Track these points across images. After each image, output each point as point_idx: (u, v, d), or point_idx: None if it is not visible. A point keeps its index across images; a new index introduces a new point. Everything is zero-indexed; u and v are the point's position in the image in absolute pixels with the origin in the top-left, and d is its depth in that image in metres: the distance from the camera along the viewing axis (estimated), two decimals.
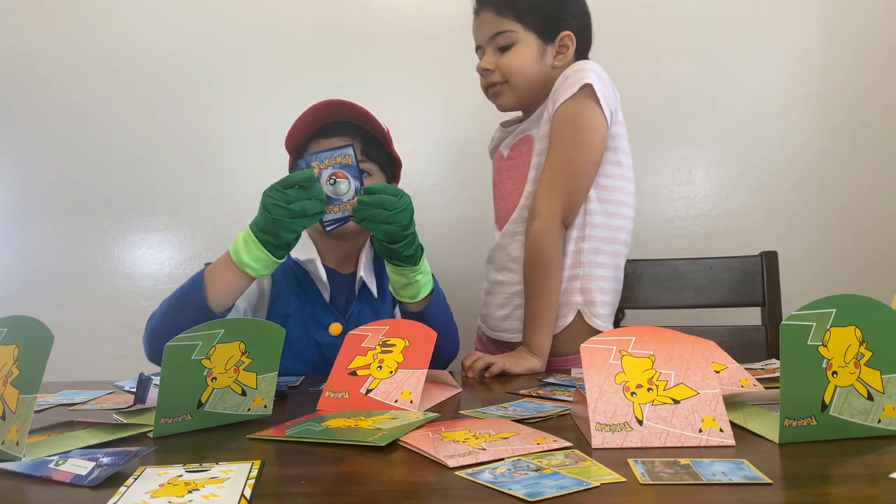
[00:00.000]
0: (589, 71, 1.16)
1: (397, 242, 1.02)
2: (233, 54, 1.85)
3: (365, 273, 1.23)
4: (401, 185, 1.79)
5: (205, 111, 1.86)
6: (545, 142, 1.21)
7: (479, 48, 1.28)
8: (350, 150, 1.00)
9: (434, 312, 1.12)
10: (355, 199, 1.00)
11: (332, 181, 1.00)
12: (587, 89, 1.14)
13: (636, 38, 1.82)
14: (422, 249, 1.09)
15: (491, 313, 1.31)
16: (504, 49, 1.22)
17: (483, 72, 1.26)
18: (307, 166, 0.99)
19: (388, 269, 1.09)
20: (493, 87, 1.26)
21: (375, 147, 1.23)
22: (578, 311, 1.21)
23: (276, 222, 0.98)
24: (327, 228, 1.02)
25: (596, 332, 1.18)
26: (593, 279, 1.21)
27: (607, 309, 1.24)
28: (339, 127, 1.20)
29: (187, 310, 1.03)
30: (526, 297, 1.19)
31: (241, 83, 1.86)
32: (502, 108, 1.29)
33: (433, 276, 1.14)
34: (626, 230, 1.25)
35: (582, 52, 1.28)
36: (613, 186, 1.22)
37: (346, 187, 1.00)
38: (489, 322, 1.32)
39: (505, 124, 1.39)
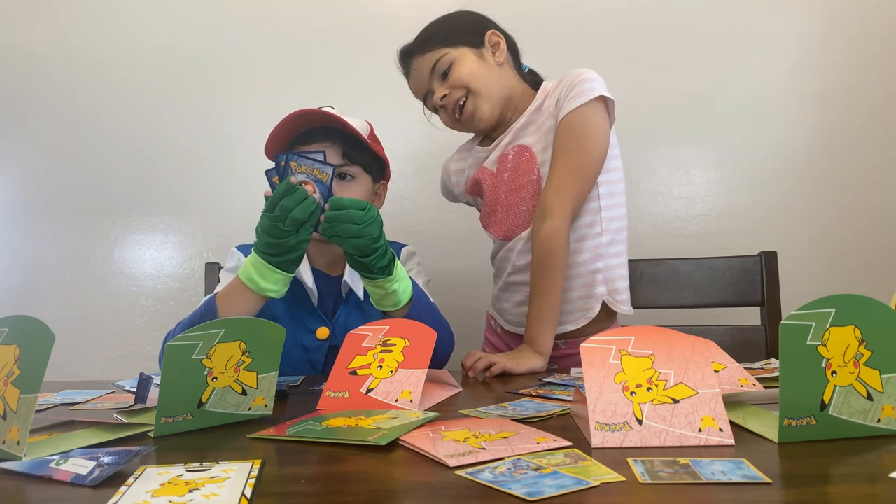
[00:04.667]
0: (595, 82, 1.22)
1: (368, 255, 1.02)
2: (234, 55, 1.86)
3: (350, 277, 1.22)
4: (401, 186, 1.82)
5: (205, 112, 1.86)
6: (549, 152, 1.24)
7: (425, 98, 1.33)
8: (330, 171, 1.00)
9: (418, 316, 1.10)
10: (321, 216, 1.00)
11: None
12: (598, 99, 1.21)
13: (636, 39, 1.82)
14: (394, 258, 1.07)
15: (509, 309, 1.35)
16: (447, 73, 1.26)
17: (442, 101, 1.27)
18: (285, 162, 0.99)
19: (364, 282, 1.08)
20: (462, 106, 1.27)
21: (358, 149, 1.21)
22: (603, 301, 1.27)
23: (282, 244, 0.99)
24: None
25: (619, 315, 1.32)
26: (613, 268, 1.28)
27: (627, 293, 1.31)
28: (319, 132, 1.19)
29: None
30: (532, 296, 1.20)
31: (242, 84, 1.86)
32: (481, 123, 1.30)
33: (412, 279, 1.13)
34: (625, 215, 1.32)
35: (512, 46, 1.34)
36: (615, 179, 1.28)
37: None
38: (507, 317, 1.36)
39: (465, 150, 1.41)
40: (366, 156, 1.23)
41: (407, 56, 1.31)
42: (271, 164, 1.04)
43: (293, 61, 1.86)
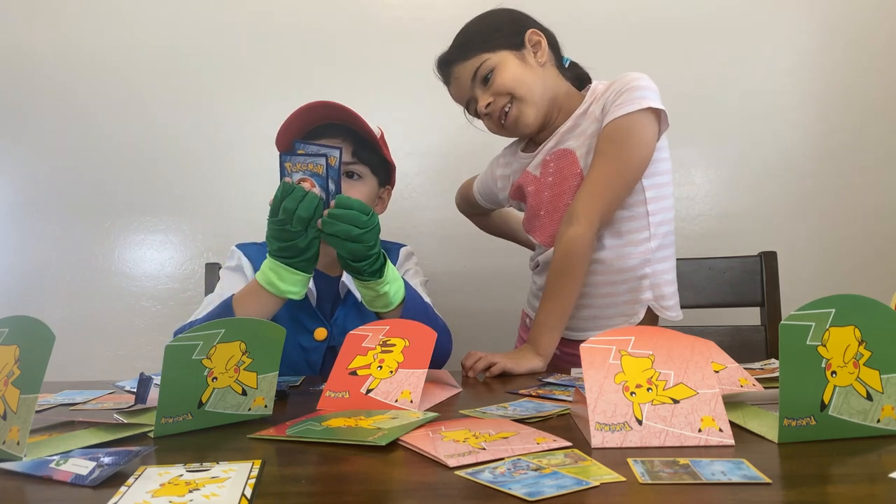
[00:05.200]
0: (646, 90, 1.17)
1: (361, 261, 1.01)
2: (234, 55, 1.86)
3: (348, 278, 1.22)
4: (402, 186, 1.82)
5: (205, 111, 1.86)
6: (591, 157, 1.21)
7: (467, 104, 1.29)
8: (323, 161, 0.98)
9: (411, 317, 1.09)
10: (325, 210, 0.99)
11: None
12: (647, 108, 1.16)
13: (636, 39, 1.82)
14: (386, 262, 1.06)
15: None
16: (488, 78, 1.23)
17: (487, 108, 1.24)
18: (282, 164, 0.99)
19: (355, 283, 1.08)
20: (506, 113, 1.23)
21: (367, 150, 1.21)
22: (648, 307, 1.24)
23: (293, 246, 0.99)
24: None
25: (666, 322, 1.28)
26: (661, 274, 1.25)
27: (675, 298, 1.28)
28: (330, 129, 1.19)
29: None
30: (543, 297, 1.19)
31: (241, 83, 1.86)
32: (526, 129, 1.26)
33: (405, 280, 1.13)
34: (673, 218, 1.28)
35: (553, 42, 1.29)
36: (663, 183, 1.25)
37: None
38: None
39: (510, 154, 1.39)
40: (374, 157, 1.23)
41: (446, 64, 1.28)
42: (272, 163, 1.03)
43: (293, 62, 1.85)
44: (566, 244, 1.17)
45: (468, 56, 1.24)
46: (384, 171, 1.27)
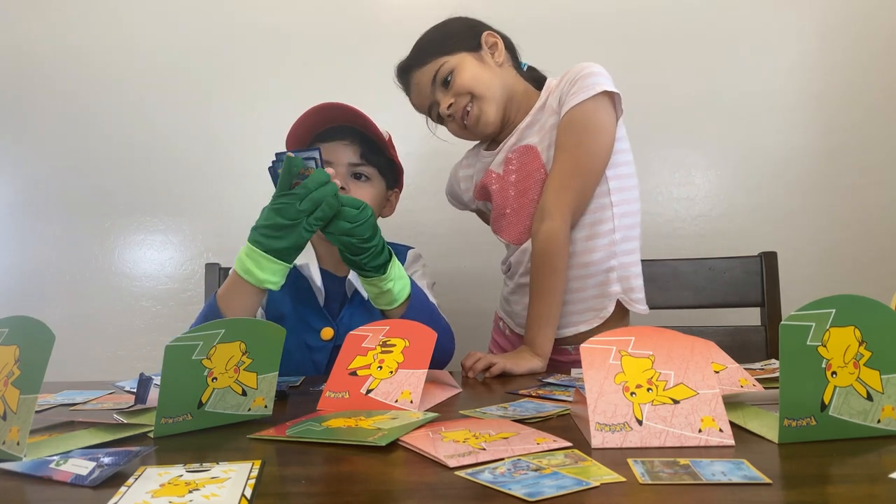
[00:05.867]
0: (599, 76, 1.19)
1: (358, 255, 1.01)
2: (234, 55, 1.86)
3: (355, 277, 1.22)
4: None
5: (205, 112, 1.86)
6: (552, 150, 1.22)
7: (429, 110, 1.30)
8: (312, 164, 0.97)
9: (414, 316, 1.08)
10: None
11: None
12: (602, 94, 1.17)
13: (636, 39, 1.82)
14: (391, 256, 1.06)
15: (519, 312, 1.32)
16: (448, 81, 1.24)
17: (448, 110, 1.25)
18: (274, 175, 0.99)
19: (360, 279, 1.08)
20: (467, 113, 1.25)
21: (375, 151, 1.22)
22: (617, 300, 1.24)
23: (291, 227, 0.96)
24: None
25: (636, 315, 1.27)
26: (628, 266, 1.25)
27: (642, 292, 1.28)
28: (339, 131, 1.20)
29: None
30: (531, 297, 1.19)
31: (241, 85, 1.86)
32: (488, 127, 1.27)
33: (412, 280, 1.12)
34: (639, 210, 1.28)
35: (510, 45, 1.31)
36: (626, 174, 1.25)
37: None
38: (518, 320, 1.34)
39: (472, 155, 1.40)
40: (382, 159, 1.24)
41: (405, 71, 1.29)
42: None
43: (294, 63, 1.85)
44: (543, 240, 1.17)
45: (426, 61, 1.25)
46: (392, 174, 1.28)
